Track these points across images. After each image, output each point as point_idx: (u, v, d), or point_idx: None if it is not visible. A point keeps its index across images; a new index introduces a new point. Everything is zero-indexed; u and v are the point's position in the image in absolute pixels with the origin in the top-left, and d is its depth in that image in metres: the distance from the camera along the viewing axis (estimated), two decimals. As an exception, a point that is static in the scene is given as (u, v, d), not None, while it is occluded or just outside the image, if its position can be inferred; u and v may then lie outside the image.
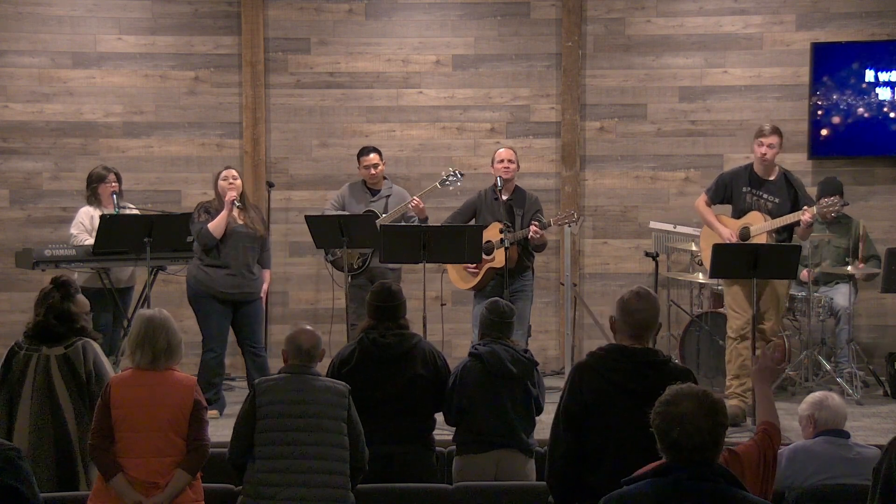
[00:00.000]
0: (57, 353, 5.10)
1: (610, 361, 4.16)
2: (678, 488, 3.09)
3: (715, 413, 3.16)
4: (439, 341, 7.83)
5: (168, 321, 4.75)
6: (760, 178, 7.34)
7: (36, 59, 9.18)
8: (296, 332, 4.91)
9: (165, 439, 4.58)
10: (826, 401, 4.91)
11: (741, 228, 7.27)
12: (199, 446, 4.64)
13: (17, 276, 8.92)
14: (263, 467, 4.63)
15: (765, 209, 7.27)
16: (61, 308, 5.18)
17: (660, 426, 3.17)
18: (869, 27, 9.10)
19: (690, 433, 3.11)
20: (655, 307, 4.24)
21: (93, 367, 5.11)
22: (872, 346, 9.04)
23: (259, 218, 7.62)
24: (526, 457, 5.32)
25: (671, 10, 9.26)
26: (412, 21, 9.34)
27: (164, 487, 4.55)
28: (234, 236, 7.39)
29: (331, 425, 4.71)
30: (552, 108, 9.29)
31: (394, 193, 7.91)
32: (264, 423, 4.67)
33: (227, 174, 7.46)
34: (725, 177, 7.51)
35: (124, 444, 4.57)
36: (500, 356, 5.28)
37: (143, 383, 4.64)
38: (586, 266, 9.32)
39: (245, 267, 7.42)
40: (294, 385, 4.75)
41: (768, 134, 7.26)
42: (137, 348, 4.68)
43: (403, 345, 5.35)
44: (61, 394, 5.07)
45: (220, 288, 7.39)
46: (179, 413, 4.61)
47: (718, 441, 3.17)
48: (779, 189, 7.31)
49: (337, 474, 4.68)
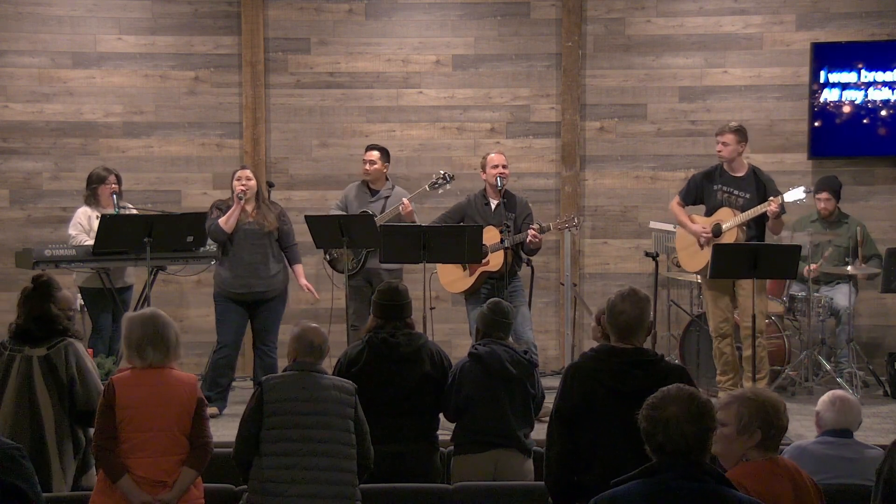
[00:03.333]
0: (39, 355, 5.07)
1: (599, 362, 4.21)
2: (667, 488, 3.10)
3: (700, 418, 3.16)
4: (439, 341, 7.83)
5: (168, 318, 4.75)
6: (729, 174, 7.46)
7: (36, 59, 9.18)
8: (304, 330, 4.88)
9: (171, 438, 4.58)
10: (835, 402, 4.89)
11: (713, 225, 7.38)
12: (204, 443, 4.65)
13: (17, 276, 8.89)
14: (271, 463, 4.61)
15: (735, 205, 7.40)
16: (41, 309, 5.14)
17: (646, 429, 3.19)
18: (869, 27, 9.10)
19: (674, 438, 3.13)
20: (640, 308, 4.25)
21: (75, 369, 5.07)
22: (872, 346, 9.04)
23: (274, 214, 7.56)
24: (524, 457, 5.32)
25: (671, 10, 9.26)
26: (412, 21, 9.34)
27: (172, 486, 4.56)
28: (239, 235, 7.41)
29: (339, 423, 4.70)
30: (552, 108, 9.28)
31: (393, 194, 7.89)
32: (273, 420, 4.65)
33: (240, 174, 7.51)
34: (697, 177, 7.65)
35: (130, 445, 4.57)
36: (500, 357, 5.29)
37: (146, 383, 4.63)
38: (586, 266, 9.32)
39: (252, 266, 7.41)
40: (302, 383, 4.74)
41: (725, 132, 7.41)
42: (148, 346, 4.64)
43: (412, 344, 5.35)
44: (41, 395, 5.04)
45: (231, 288, 7.42)
46: (184, 411, 4.61)
47: (705, 444, 3.17)
48: (748, 184, 7.44)
49: (346, 471, 4.67)
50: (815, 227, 8.37)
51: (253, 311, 7.50)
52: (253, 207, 7.50)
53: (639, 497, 3.11)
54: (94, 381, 5.11)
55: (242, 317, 7.50)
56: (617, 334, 4.25)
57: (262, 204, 7.56)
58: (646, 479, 3.14)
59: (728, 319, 7.39)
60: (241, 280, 7.42)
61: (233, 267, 7.43)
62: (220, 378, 7.46)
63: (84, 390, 5.06)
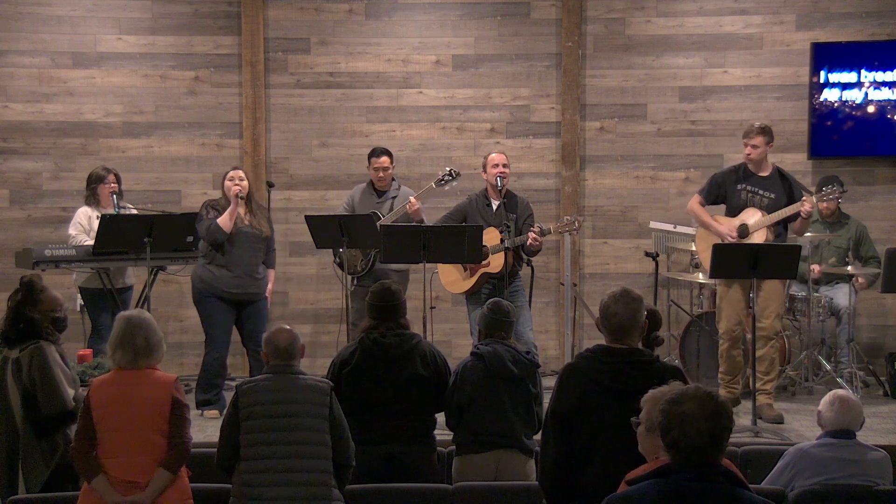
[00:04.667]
0: (13, 357, 5.13)
1: (595, 362, 4.23)
2: (681, 488, 3.10)
3: (718, 416, 3.16)
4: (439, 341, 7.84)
5: (147, 321, 4.77)
6: (754, 174, 7.36)
7: (36, 59, 9.17)
8: (272, 333, 4.91)
9: (143, 438, 4.59)
10: (834, 402, 4.90)
11: (739, 226, 7.28)
12: (179, 444, 4.64)
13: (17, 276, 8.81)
14: (248, 468, 4.65)
15: (761, 205, 7.29)
16: (17, 312, 5.20)
17: (661, 423, 3.19)
18: (869, 27, 9.10)
19: (689, 434, 3.12)
20: (632, 308, 4.25)
21: (37, 372, 5.08)
22: (872, 346, 9.04)
23: (265, 218, 7.67)
24: (526, 457, 5.32)
25: (671, 10, 9.26)
26: (412, 21, 9.34)
27: (145, 486, 4.56)
28: (239, 237, 7.42)
29: (312, 424, 4.71)
30: (552, 108, 9.28)
31: (400, 195, 7.90)
32: (248, 425, 4.68)
33: (233, 174, 7.51)
34: (718, 176, 7.53)
35: (105, 445, 4.60)
36: (502, 356, 5.29)
37: (121, 383, 4.67)
38: (586, 266, 9.32)
39: (250, 267, 7.46)
40: (276, 385, 4.76)
41: (754, 135, 7.30)
42: (118, 348, 4.71)
43: (404, 345, 5.35)
44: (13, 397, 5.09)
45: (225, 288, 7.42)
46: (156, 411, 4.62)
47: (720, 444, 3.16)
48: (773, 184, 7.33)
49: (321, 472, 4.68)
50: (815, 228, 8.37)
51: (241, 311, 7.51)
52: (246, 209, 7.53)
53: (653, 497, 3.11)
54: (56, 385, 5.10)
55: (231, 316, 7.52)
56: (611, 335, 4.27)
57: (254, 206, 7.59)
58: (659, 480, 3.14)
59: (741, 322, 7.29)
60: (239, 280, 7.43)
61: (231, 268, 7.43)
62: (216, 379, 7.47)
63: (44, 395, 5.07)
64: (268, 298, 7.68)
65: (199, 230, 7.38)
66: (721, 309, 7.34)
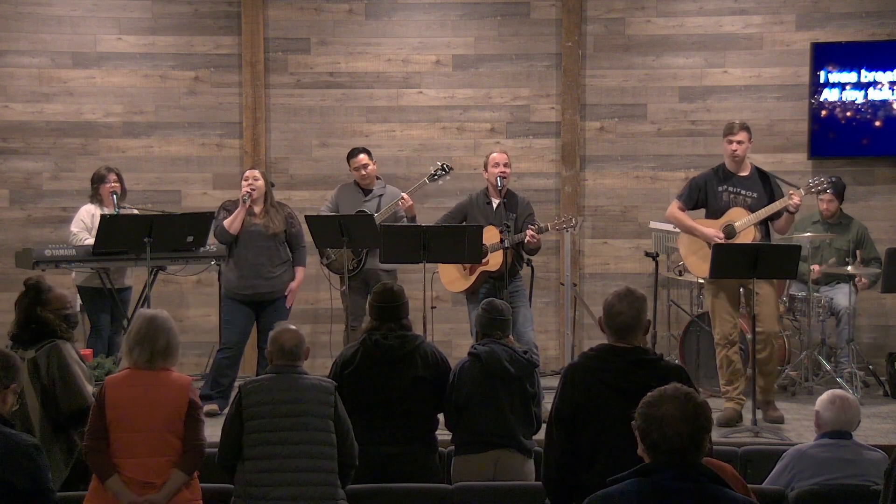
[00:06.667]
0: (28, 357, 5.10)
1: (600, 361, 4.21)
2: (661, 488, 3.09)
3: (696, 418, 3.15)
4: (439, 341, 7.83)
5: (169, 322, 4.75)
6: (734, 174, 7.32)
7: (36, 59, 9.18)
8: (278, 332, 4.90)
9: (161, 439, 4.58)
10: (834, 401, 4.89)
11: (725, 226, 7.25)
12: (195, 446, 4.64)
13: (17, 276, 8.86)
14: (253, 468, 4.64)
15: (744, 204, 7.25)
16: (28, 313, 5.20)
17: (640, 426, 3.18)
18: (869, 27, 9.10)
19: (669, 436, 3.12)
20: (636, 307, 4.24)
21: (56, 370, 5.09)
22: (873, 346, 9.03)
23: (281, 217, 7.57)
24: (524, 457, 5.32)
25: (671, 10, 9.26)
26: (412, 21, 9.34)
27: (161, 487, 4.55)
28: (245, 236, 7.43)
29: (318, 423, 4.71)
30: (552, 108, 9.28)
31: (387, 193, 7.88)
32: (252, 424, 4.68)
33: (248, 174, 7.55)
34: (697, 180, 7.45)
35: (119, 445, 4.57)
36: (499, 356, 5.29)
37: (138, 383, 4.64)
38: (586, 266, 9.32)
39: (257, 267, 7.43)
40: (280, 385, 4.75)
41: (737, 131, 7.26)
42: (136, 346, 4.67)
43: (406, 346, 5.35)
44: (30, 398, 5.07)
45: (236, 289, 7.45)
46: (174, 413, 4.61)
47: (700, 444, 3.15)
48: (754, 183, 7.29)
49: (326, 472, 4.68)
50: (816, 229, 8.36)
51: (259, 311, 7.52)
52: (261, 209, 7.52)
53: (633, 496, 3.10)
54: (76, 382, 5.11)
55: (249, 318, 7.53)
56: (615, 334, 4.25)
57: (270, 205, 7.56)
58: (640, 479, 3.13)
59: (736, 326, 7.25)
60: (246, 281, 7.44)
61: (238, 268, 7.45)
62: (222, 378, 7.46)
63: (65, 392, 5.07)
64: (288, 297, 7.60)
65: (214, 231, 7.40)
66: (714, 317, 7.29)
